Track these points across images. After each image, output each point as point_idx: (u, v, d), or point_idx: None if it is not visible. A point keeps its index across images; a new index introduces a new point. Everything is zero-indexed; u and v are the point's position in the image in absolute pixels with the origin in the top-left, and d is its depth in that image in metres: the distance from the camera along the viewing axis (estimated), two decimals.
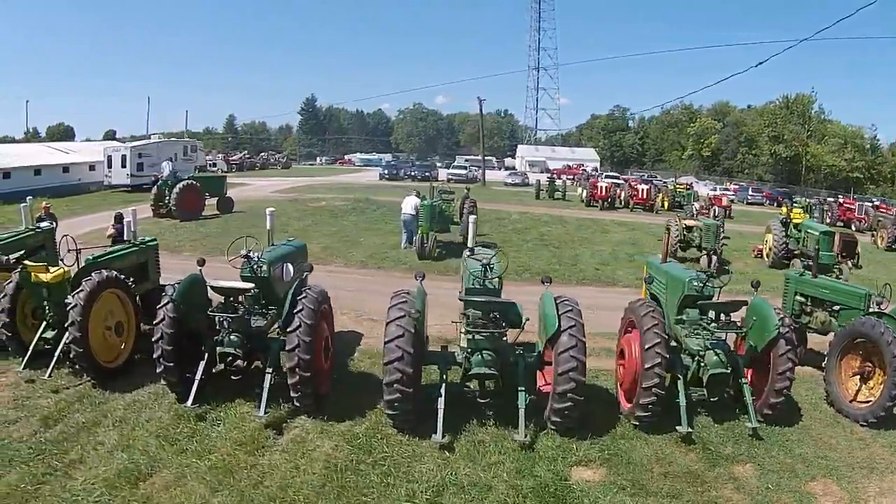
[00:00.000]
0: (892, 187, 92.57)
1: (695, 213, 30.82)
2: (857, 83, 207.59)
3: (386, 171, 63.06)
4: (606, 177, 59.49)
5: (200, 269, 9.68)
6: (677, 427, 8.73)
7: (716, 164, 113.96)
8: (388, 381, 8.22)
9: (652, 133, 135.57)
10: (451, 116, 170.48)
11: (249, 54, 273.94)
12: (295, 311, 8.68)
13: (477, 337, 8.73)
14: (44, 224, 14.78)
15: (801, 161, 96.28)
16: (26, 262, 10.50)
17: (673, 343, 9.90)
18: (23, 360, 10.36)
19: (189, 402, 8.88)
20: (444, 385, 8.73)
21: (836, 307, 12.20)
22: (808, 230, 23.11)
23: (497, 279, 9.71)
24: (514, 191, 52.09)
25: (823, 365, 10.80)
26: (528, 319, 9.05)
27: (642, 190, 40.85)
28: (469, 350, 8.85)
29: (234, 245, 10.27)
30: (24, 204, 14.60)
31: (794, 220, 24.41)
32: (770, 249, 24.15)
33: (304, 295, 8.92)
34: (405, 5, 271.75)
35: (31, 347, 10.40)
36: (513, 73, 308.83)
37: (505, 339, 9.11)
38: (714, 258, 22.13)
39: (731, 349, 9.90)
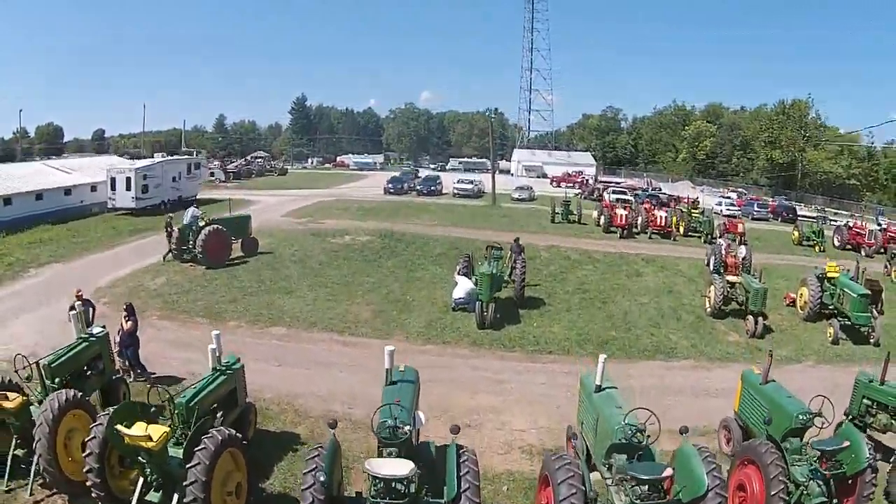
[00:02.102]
0: (886, 195, 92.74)
1: (724, 251, 30.58)
2: (850, 87, 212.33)
3: (391, 186, 62.04)
4: (613, 192, 58.93)
5: (334, 433, 8.89)
6: None
7: (710, 167, 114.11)
8: None
9: (645, 134, 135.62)
10: (440, 115, 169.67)
11: (239, 52, 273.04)
12: (462, 489, 8.21)
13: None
14: (96, 330, 13.90)
15: (798, 166, 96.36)
16: (118, 426, 9.20)
17: None
18: None
19: None
20: None
21: None
22: (846, 290, 23.16)
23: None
24: (526, 209, 51.59)
25: (892, 460, 11.73)
26: (684, 487, 8.87)
27: (660, 217, 40.52)
28: None
29: (379, 412, 9.37)
30: (73, 312, 13.69)
31: (830, 274, 24.47)
32: (805, 303, 24.38)
33: (467, 470, 8.45)
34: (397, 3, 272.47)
35: None
36: (503, 71, 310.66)
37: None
38: (761, 321, 22.01)
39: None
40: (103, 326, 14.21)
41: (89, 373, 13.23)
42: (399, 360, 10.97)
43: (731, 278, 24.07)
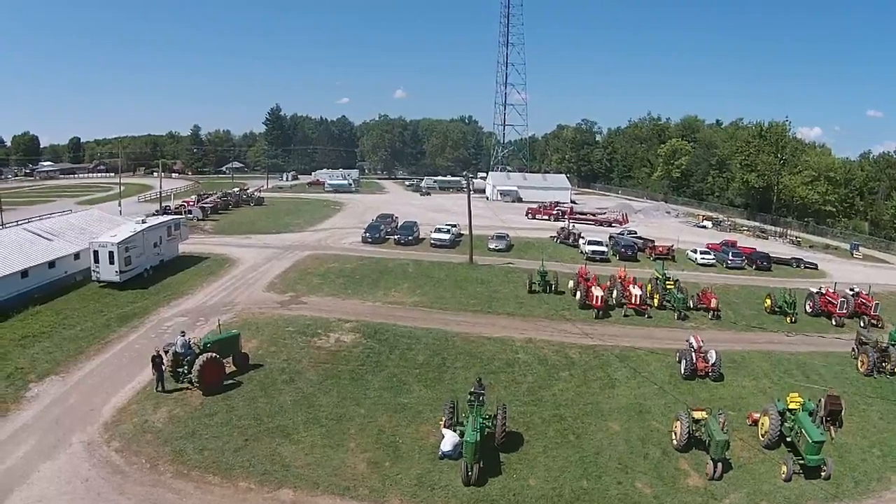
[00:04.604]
0: (865, 221, 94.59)
1: (694, 356, 32.50)
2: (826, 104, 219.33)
3: (368, 235, 63.04)
4: (589, 242, 60.74)
5: None
6: None
7: (685, 185, 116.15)
8: None
9: (620, 147, 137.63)
10: (414, 123, 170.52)
11: (214, 60, 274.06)
12: None
13: None
14: None
15: (774, 191, 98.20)
16: None
17: None
18: None
19: None
20: None
21: None
22: (803, 430, 24.92)
23: None
24: (503, 269, 52.80)
25: None
26: None
27: (635, 296, 42.22)
28: None
29: None
30: None
31: (791, 405, 26.47)
32: (766, 432, 26.39)
33: None
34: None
35: None
36: (478, 76, 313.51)
37: None
38: (720, 467, 23.88)
39: None
40: None
41: None
42: None
43: (697, 415, 25.78)
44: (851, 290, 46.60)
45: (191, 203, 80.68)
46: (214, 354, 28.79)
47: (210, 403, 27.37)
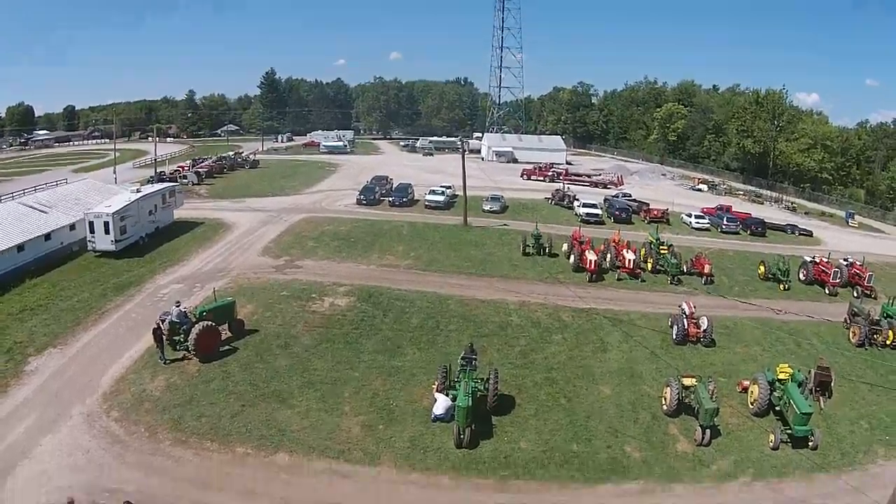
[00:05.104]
0: (863, 188, 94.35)
1: (686, 322, 32.80)
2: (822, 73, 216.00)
3: (363, 197, 62.88)
4: (584, 205, 60.85)
5: None
6: None
7: (681, 148, 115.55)
8: None
9: (616, 110, 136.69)
10: (410, 84, 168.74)
11: (209, 24, 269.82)
12: None
13: None
14: None
15: (770, 157, 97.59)
16: None
17: None
18: None
19: None
20: None
21: None
22: (792, 401, 25.23)
23: None
24: (498, 231, 52.88)
25: None
26: None
27: (629, 260, 42.35)
28: None
29: None
30: None
31: (780, 376, 26.79)
32: (755, 400, 26.75)
33: None
34: None
35: None
36: (474, 37, 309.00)
37: None
38: (708, 433, 24.34)
39: None
40: None
41: None
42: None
43: (686, 382, 26.15)
44: (845, 259, 46.67)
45: (185, 168, 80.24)
46: (210, 322, 29.07)
47: (207, 371, 27.67)
